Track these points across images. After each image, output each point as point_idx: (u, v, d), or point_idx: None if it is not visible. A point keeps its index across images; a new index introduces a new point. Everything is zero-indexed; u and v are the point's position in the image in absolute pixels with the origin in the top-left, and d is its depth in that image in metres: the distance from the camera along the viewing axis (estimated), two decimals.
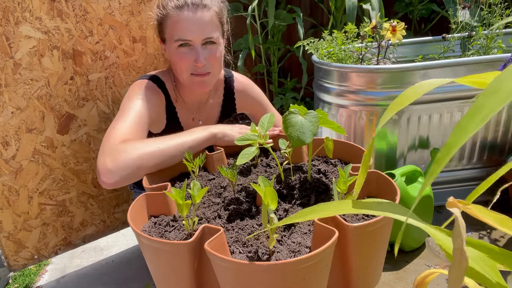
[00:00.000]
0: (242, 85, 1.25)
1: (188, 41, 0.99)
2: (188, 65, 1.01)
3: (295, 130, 0.73)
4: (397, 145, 1.30)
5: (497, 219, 0.29)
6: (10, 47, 1.04)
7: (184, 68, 1.02)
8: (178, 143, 0.89)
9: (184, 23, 0.98)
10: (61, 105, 1.16)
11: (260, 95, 1.30)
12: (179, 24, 0.98)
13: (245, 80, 1.27)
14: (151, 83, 1.06)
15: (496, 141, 1.32)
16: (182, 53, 1.00)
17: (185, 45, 1.00)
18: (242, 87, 1.25)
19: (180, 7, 0.97)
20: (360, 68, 1.23)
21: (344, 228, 0.60)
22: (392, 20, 1.23)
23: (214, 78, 1.08)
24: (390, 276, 1.07)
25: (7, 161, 1.10)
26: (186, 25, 0.98)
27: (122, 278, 1.33)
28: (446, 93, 1.23)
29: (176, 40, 0.99)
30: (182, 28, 0.98)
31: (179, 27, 0.98)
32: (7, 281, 1.39)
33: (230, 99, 1.25)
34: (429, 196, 1.12)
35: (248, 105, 1.29)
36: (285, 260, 0.54)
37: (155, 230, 0.70)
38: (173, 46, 1.01)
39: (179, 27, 0.99)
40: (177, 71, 1.05)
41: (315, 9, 2.69)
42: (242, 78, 1.27)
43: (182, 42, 0.99)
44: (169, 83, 1.11)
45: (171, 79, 1.12)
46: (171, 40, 1.01)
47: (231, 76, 1.24)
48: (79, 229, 1.30)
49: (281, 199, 0.76)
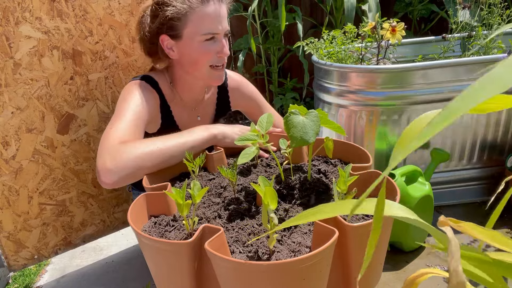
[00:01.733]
0: (236, 82, 1.26)
1: (217, 34, 1.00)
2: (212, 58, 1.02)
3: (297, 130, 0.73)
4: None
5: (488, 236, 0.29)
6: (10, 47, 1.04)
7: (207, 62, 1.02)
8: (178, 143, 0.89)
9: (212, 16, 0.98)
10: (61, 105, 1.16)
11: (254, 92, 1.30)
12: (207, 18, 0.98)
13: (238, 77, 1.28)
14: (144, 83, 1.06)
15: (496, 141, 1.32)
16: (208, 46, 1.00)
17: (211, 39, 1.00)
18: (236, 84, 1.26)
19: (207, 0, 0.97)
20: (360, 68, 1.23)
21: (344, 228, 0.60)
22: (392, 20, 1.23)
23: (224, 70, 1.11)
24: (390, 276, 1.07)
25: (7, 161, 1.10)
26: (215, 18, 0.99)
27: (122, 278, 1.33)
28: (446, 93, 1.23)
29: (205, 34, 0.99)
30: (212, 21, 0.98)
31: (208, 21, 0.98)
32: (7, 281, 1.39)
33: (224, 96, 1.25)
34: (429, 196, 1.12)
35: (242, 103, 1.29)
36: (285, 260, 0.54)
37: (155, 230, 0.70)
38: (196, 41, 1.00)
39: (208, 21, 0.98)
40: (196, 66, 1.04)
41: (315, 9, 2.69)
42: (235, 75, 1.27)
43: (212, 35, 0.99)
44: (163, 83, 1.11)
45: (165, 78, 1.12)
46: (196, 35, 0.99)
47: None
48: (79, 229, 1.30)
49: (281, 199, 0.77)
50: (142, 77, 1.08)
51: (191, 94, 1.16)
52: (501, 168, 1.35)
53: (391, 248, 1.16)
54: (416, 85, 1.20)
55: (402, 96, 1.21)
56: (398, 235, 1.10)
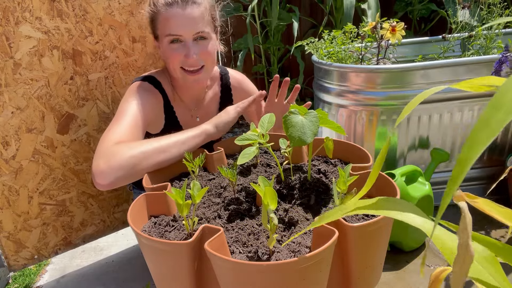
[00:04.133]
0: (237, 81, 1.28)
1: (179, 36, 1.01)
2: (179, 61, 1.03)
3: (296, 130, 0.73)
4: (397, 145, 1.30)
5: (502, 213, 0.29)
6: (10, 47, 1.04)
7: (176, 64, 1.04)
8: (172, 141, 0.90)
9: (174, 19, 1.00)
10: (61, 105, 1.16)
11: (254, 90, 1.32)
12: (169, 20, 1.00)
13: (239, 76, 1.30)
14: (147, 84, 1.07)
15: (496, 141, 1.32)
16: (173, 49, 1.02)
17: (177, 41, 1.02)
18: (237, 82, 1.28)
19: (170, 4, 1.00)
20: (360, 68, 1.23)
21: (344, 228, 0.60)
22: (392, 20, 1.23)
23: (208, 73, 1.10)
24: (390, 276, 1.07)
25: (7, 161, 1.10)
26: (176, 21, 1.00)
27: (122, 278, 1.33)
28: (446, 93, 1.23)
29: (167, 36, 1.01)
30: (172, 24, 1.00)
31: (170, 23, 1.00)
32: (7, 281, 1.39)
33: (227, 95, 1.26)
34: (429, 196, 1.12)
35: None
36: (285, 260, 0.54)
37: (155, 230, 0.70)
38: (165, 42, 1.03)
39: (169, 23, 1.00)
40: (170, 67, 1.06)
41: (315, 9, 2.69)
42: (236, 74, 1.29)
43: (173, 37, 1.01)
44: (166, 83, 1.11)
45: (167, 78, 1.12)
46: (163, 36, 1.03)
47: (226, 73, 1.27)
48: (79, 229, 1.30)
49: (281, 199, 0.76)
50: (145, 77, 1.09)
51: (190, 94, 1.16)
52: (501, 168, 1.35)
53: (391, 248, 1.16)
54: (416, 85, 1.19)
55: (402, 96, 1.21)
56: (398, 235, 1.10)
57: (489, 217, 0.33)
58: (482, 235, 0.28)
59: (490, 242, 0.28)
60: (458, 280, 0.22)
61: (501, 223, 1.23)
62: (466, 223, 0.23)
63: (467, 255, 0.22)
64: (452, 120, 1.27)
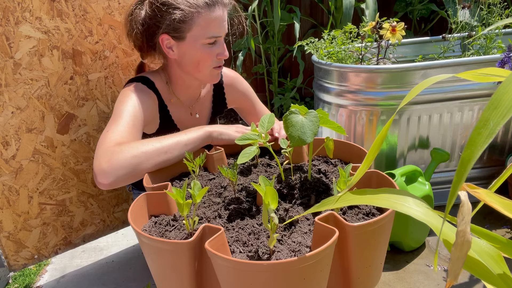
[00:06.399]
0: (230, 79, 1.27)
1: (220, 37, 1.03)
2: (213, 60, 1.05)
3: (296, 130, 0.73)
4: (397, 145, 1.30)
5: (503, 204, 0.29)
6: (10, 47, 1.04)
7: (209, 63, 1.05)
8: (173, 142, 0.90)
9: (217, 20, 1.01)
10: (61, 105, 1.16)
11: (248, 89, 1.31)
12: (213, 22, 1.00)
13: (232, 74, 1.29)
14: (141, 85, 1.06)
15: (496, 141, 1.32)
16: (210, 49, 1.03)
17: (213, 42, 1.03)
18: (231, 81, 1.27)
19: (213, 5, 1.00)
20: (360, 68, 1.23)
21: (345, 227, 0.60)
22: (392, 20, 1.23)
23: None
24: (390, 276, 1.07)
25: (7, 161, 1.10)
26: (220, 22, 1.02)
27: (122, 278, 1.33)
28: (446, 93, 1.23)
29: (209, 37, 1.01)
30: (216, 25, 1.01)
31: (213, 24, 1.01)
32: (7, 281, 1.39)
33: (220, 93, 1.26)
34: (429, 196, 1.13)
35: (237, 99, 1.30)
36: (285, 260, 0.54)
37: (155, 229, 0.70)
38: (199, 43, 1.01)
39: (212, 24, 1.00)
40: (198, 67, 1.05)
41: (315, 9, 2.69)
42: (229, 72, 1.29)
43: (215, 39, 1.02)
44: (160, 83, 1.11)
45: (161, 78, 1.12)
46: (200, 38, 1.01)
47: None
48: (79, 229, 1.30)
49: (282, 198, 0.77)
50: (138, 78, 1.08)
51: (188, 93, 1.16)
52: (501, 168, 1.35)
53: (391, 248, 1.16)
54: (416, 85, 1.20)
55: (402, 96, 1.21)
56: (398, 235, 1.10)
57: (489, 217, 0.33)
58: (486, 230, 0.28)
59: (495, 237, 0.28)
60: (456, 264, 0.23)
61: (502, 223, 1.23)
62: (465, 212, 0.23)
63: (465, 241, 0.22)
64: (452, 120, 1.27)
